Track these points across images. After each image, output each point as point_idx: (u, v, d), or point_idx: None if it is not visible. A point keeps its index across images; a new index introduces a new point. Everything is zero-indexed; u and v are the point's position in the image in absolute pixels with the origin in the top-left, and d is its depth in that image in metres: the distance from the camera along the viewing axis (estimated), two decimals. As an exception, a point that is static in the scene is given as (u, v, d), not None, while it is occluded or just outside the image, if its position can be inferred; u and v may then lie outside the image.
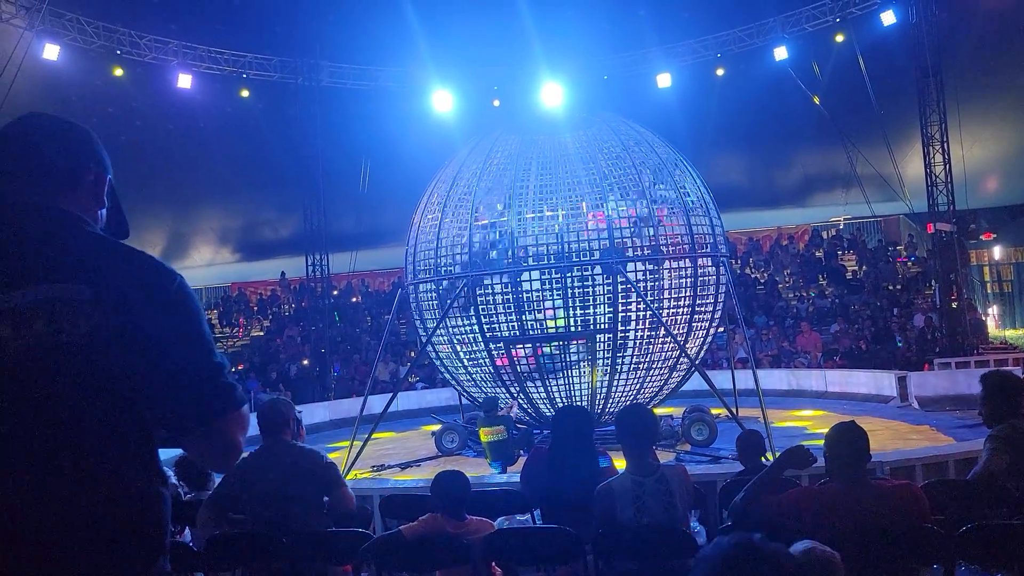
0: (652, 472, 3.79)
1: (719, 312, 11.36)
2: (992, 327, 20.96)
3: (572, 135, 11.27)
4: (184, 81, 19.10)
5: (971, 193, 18.32)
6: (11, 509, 1.33)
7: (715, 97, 21.37)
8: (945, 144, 17.15)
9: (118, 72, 18.56)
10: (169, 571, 1.49)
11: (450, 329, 11.12)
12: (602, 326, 10.43)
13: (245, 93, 20.65)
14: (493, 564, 3.90)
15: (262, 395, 17.48)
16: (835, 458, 3.35)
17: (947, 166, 17.18)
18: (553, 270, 10.49)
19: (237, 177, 23.55)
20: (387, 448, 12.55)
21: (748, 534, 1.32)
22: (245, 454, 4.33)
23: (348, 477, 9.70)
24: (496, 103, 21.94)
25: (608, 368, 10.47)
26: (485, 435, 9.95)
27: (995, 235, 22.35)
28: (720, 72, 20.99)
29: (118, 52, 18.28)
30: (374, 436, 10.94)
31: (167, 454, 10.70)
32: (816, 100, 20.14)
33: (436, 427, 12.31)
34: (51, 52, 16.71)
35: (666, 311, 10.56)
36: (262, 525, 3.98)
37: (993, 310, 22.39)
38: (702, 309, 10.88)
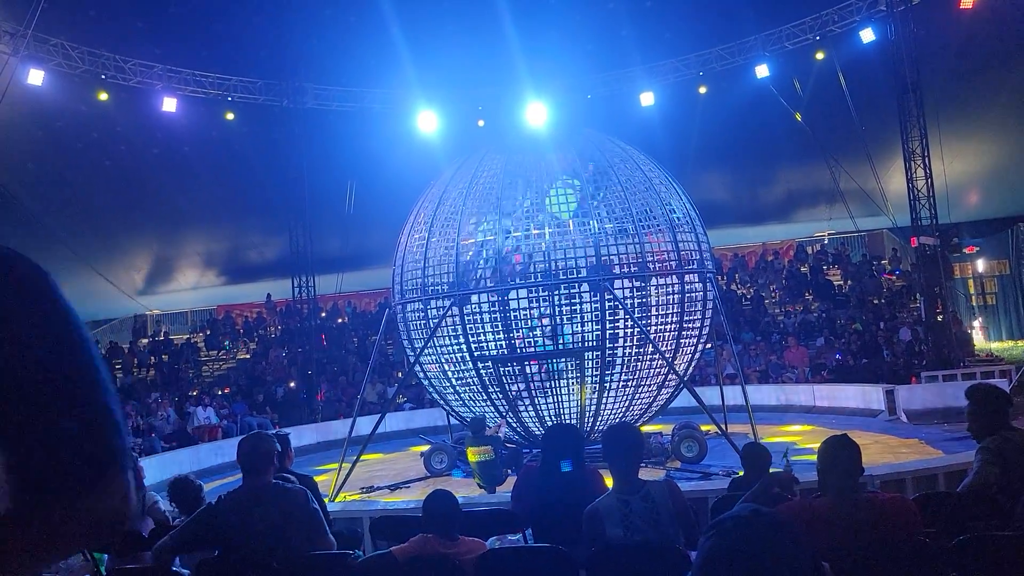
0: (638, 490, 3.78)
1: (706, 328, 11.39)
2: (978, 339, 21.12)
3: (557, 153, 11.32)
4: (169, 104, 19.08)
5: (953, 207, 18.52)
6: None
7: (698, 115, 21.58)
8: (926, 159, 17.36)
9: (103, 96, 18.52)
10: None
11: (438, 349, 11.09)
12: (590, 343, 10.43)
13: (230, 116, 20.64)
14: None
15: (250, 419, 17.35)
16: (828, 471, 3.35)
17: (929, 180, 17.37)
18: (541, 288, 10.50)
19: (222, 200, 23.51)
20: (376, 469, 12.46)
21: (758, 506, 1.41)
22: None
23: (337, 499, 9.61)
24: (481, 123, 22.05)
25: (596, 386, 10.46)
26: (473, 455, 9.90)
27: (978, 248, 22.58)
28: (703, 90, 21.20)
29: (103, 76, 18.26)
30: (363, 458, 10.85)
31: (162, 474, 10.54)
32: (798, 117, 20.36)
33: (425, 448, 12.23)
34: (36, 77, 16.67)
35: (654, 328, 10.58)
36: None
37: (978, 323, 22.58)
38: (689, 325, 10.90)
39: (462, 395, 11.30)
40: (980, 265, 23.21)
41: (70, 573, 5.03)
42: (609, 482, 4.01)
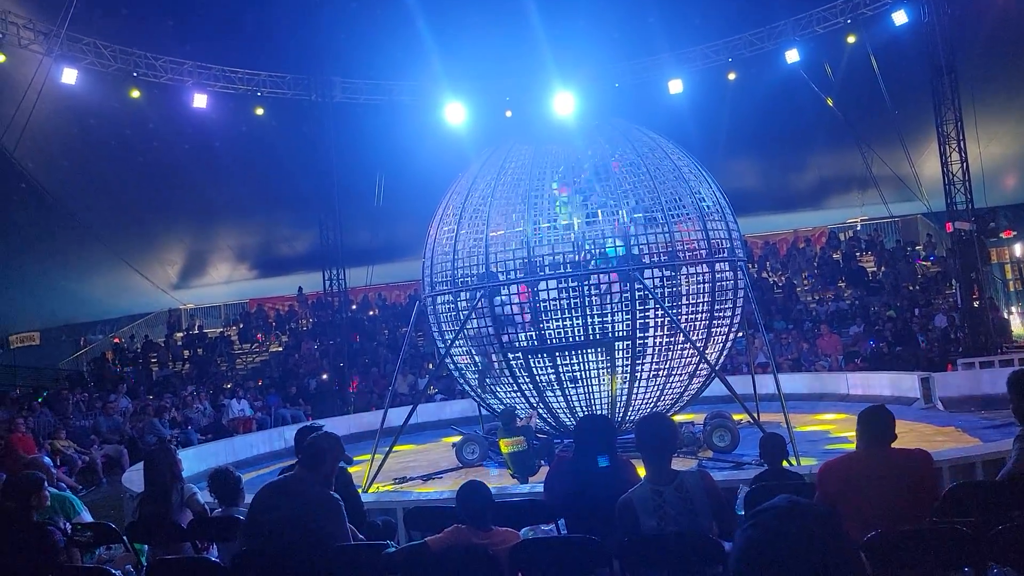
0: (671, 480, 3.79)
1: (738, 317, 11.29)
2: (1016, 326, 20.71)
3: (585, 143, 11.27)
4: (200, 101, 19.33)
5: (989, 191, 18.17)
6: None
7: (727, 101, 21.35)
8: (962, 142, 17.02)
9: (135, 94, 18.81)
10: None
11: (468, 340, 11.13)
12: (620, 333, 10.40)
13: (260, 111, 20.85)
14: (520, 574, 3.89)
15: (283, 411, 17.58)
16: (863, 432, 3.92)
17: (964, 164, 17.03)
18: (570, 279, 10.47)
19: (253, 194, 23.77)
20: (408, 460, 12.56)
21: (795, 497, 1.43)
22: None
23: (371, 490, 9.72)
24: (508, 114, 22.02)
25: (627, 376, 10.43)
26: (505, 447, 9.94)
27: (1015, 232, 22.11)
28: (732, 76, 20.95)
29: (134, 74, 18.54)
30: (395, 449, 10.94)
31: (199, 466, 10.69)
32: (829, 102, 20.06)
33: (456, 439, 12.31)
34: (69, 76, 16.98)
35: (684, 317, 10.51)
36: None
37: (1016, 308, 22.13)
38: (720, 314, 10.81)
39: (492, 386, 11.33)
40: (1018, 250, 22.72)
41: (112, 563, 5.16)
42: (641, 472, 4.01)
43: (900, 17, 18.12)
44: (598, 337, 10.42)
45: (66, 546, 4.60)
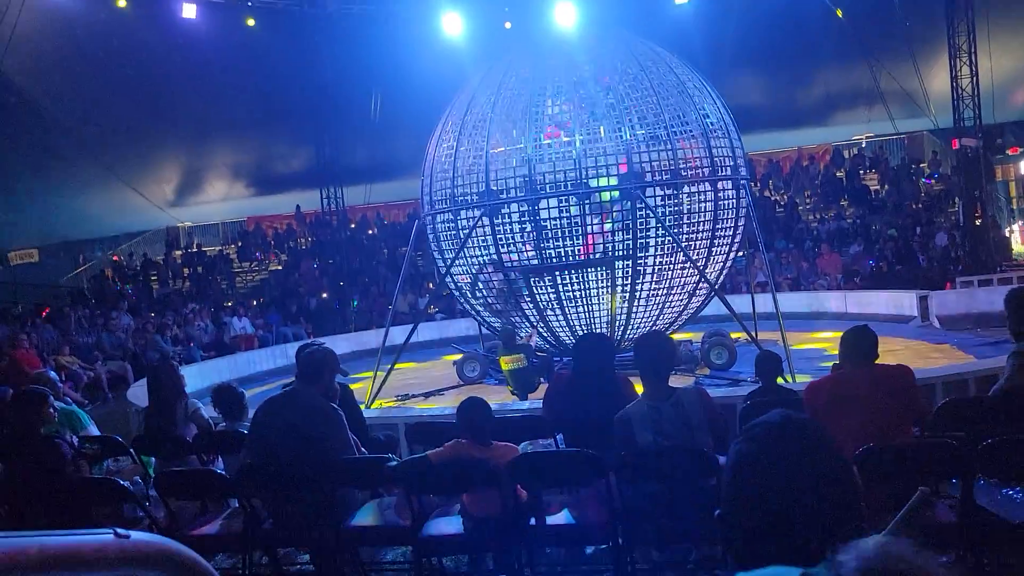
0: (668, 396, 3.84)
1: (739, 236, 11.24)
2: (1016, 243, 20.68)
3: (587, 57, 10.98)
4: (189, 10, 18.67)
5: (998, 106, 17.84)
6: None
7: (735, 12, 20.68)
8: (973, 56, 16.60)
9: (121, 3, 18.15)
10: None
11: (468, 259, 11.11)
12: (621, 252, 10.37)
13: (251, 22, 20.19)
14: (518, 486, 3.99)
15: (285, 329, 17.73)
16: (847, 353, 3.98)
17: (974, 79, 16.67)
18: (571, 196, 10.37)
19: (247, 109, 23.31)
20: (410, 378, 12.72)
21: (788, 411, 1.44)
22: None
23: (373, 406, 9.88)
24: (508, 25, 21.37)
25: (627, 294, 10.46)
26: (506, 364, 10.05)
27: (1022, 149, 21.82)
28: (740, -15, 20.26)
29: (118, -20, 17.88)
30: (396, 366, 11.06)
31: (202, 382, 10.87)
32: (839, 13, 19.46)
33: (457, 357, 12.44)
34: (53, -16, 16.39)
35: (685, 236, 10.47)
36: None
37: (1017, 226, 22.04)
38: (722, 233, 10.76)
39: (492, 305, 11.38)
40: (1023, 167, 22.47)
41: (120, 474, 5.28)
42: (639, 389, 4.06)
43: (916, -77, 17.41)
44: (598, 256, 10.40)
45: (73, 458, 4.70)
